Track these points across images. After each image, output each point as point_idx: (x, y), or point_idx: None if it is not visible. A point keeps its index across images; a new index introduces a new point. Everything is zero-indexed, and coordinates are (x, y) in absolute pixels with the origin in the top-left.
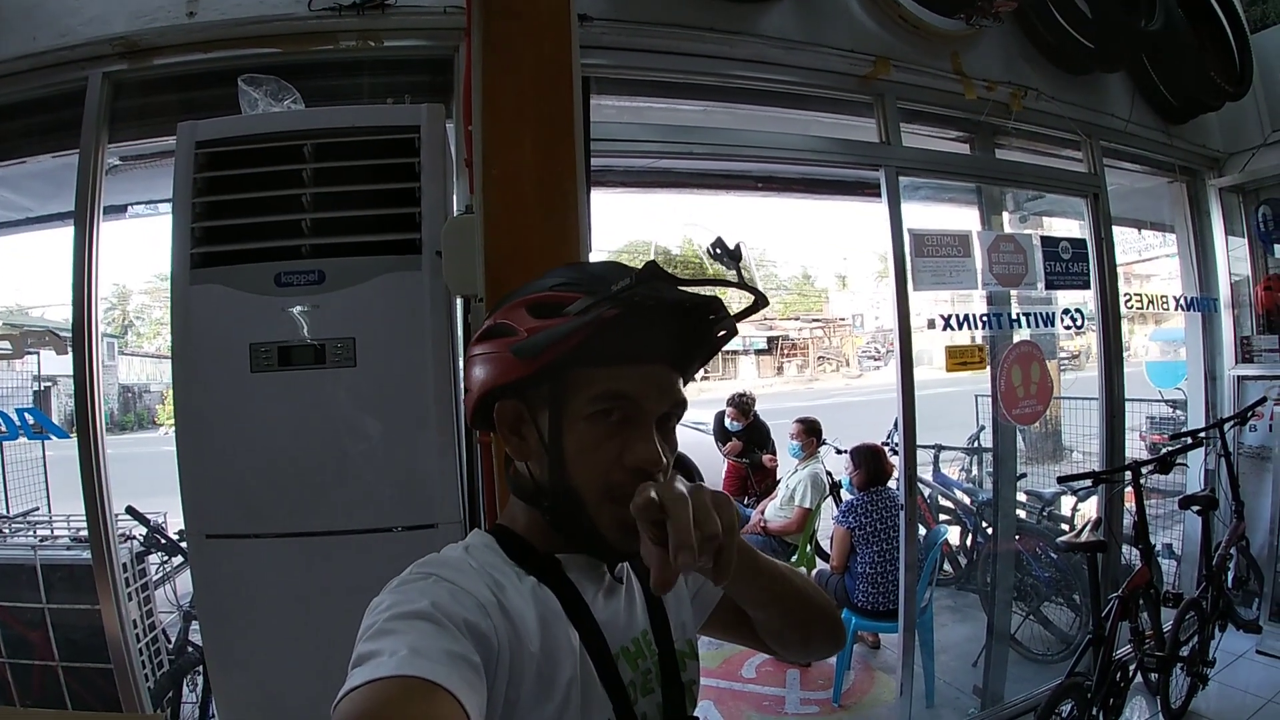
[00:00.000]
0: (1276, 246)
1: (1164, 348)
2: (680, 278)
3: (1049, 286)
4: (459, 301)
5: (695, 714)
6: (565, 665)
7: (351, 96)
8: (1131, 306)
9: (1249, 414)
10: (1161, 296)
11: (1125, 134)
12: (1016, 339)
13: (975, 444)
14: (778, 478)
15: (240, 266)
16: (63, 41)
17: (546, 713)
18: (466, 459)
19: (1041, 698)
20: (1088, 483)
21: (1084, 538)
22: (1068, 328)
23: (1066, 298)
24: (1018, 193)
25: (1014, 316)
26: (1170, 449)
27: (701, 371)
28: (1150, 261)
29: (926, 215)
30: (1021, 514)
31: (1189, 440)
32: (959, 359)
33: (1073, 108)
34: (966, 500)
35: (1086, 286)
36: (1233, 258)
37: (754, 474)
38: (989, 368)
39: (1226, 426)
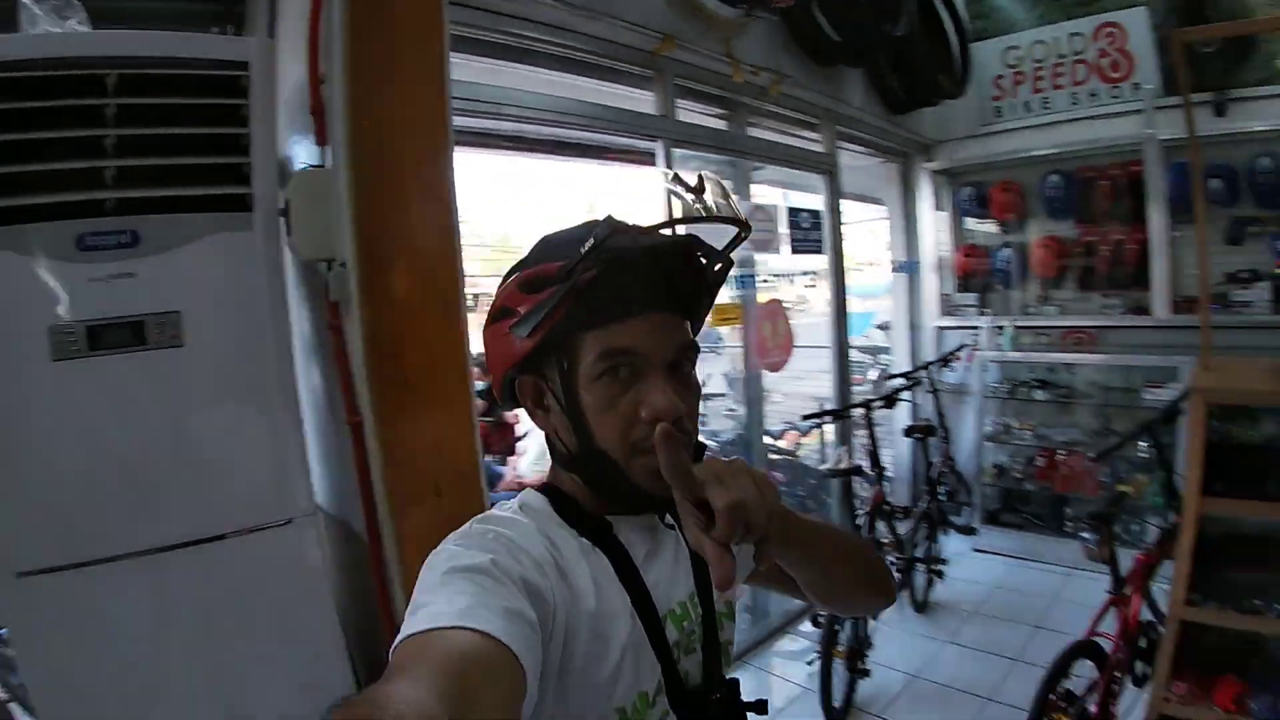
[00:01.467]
0: (970, 220)
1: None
2: (652, 224)
3: (794, 251)
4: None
5: (732, 675)
6: (620, 627)
7: (130, 22)
8: (850, 269)
9: (950, 358)
10: (873, 262)
11: (856, 120)
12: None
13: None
14: (521, 434)
15: (31, 227)
16: None
17: (604, 673)
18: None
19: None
20: (827, 418)
21: (842, 465)
22: (808, 286)
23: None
24: (743, 163)
25: (764, 277)
26: (893, 388)
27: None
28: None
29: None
30: None
31: (906, 380)
32: (722, 315)
33: (818, 95)
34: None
35: (821, 251)
36: (938, 228)
37: (498, 431)
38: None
39: (933, 368)
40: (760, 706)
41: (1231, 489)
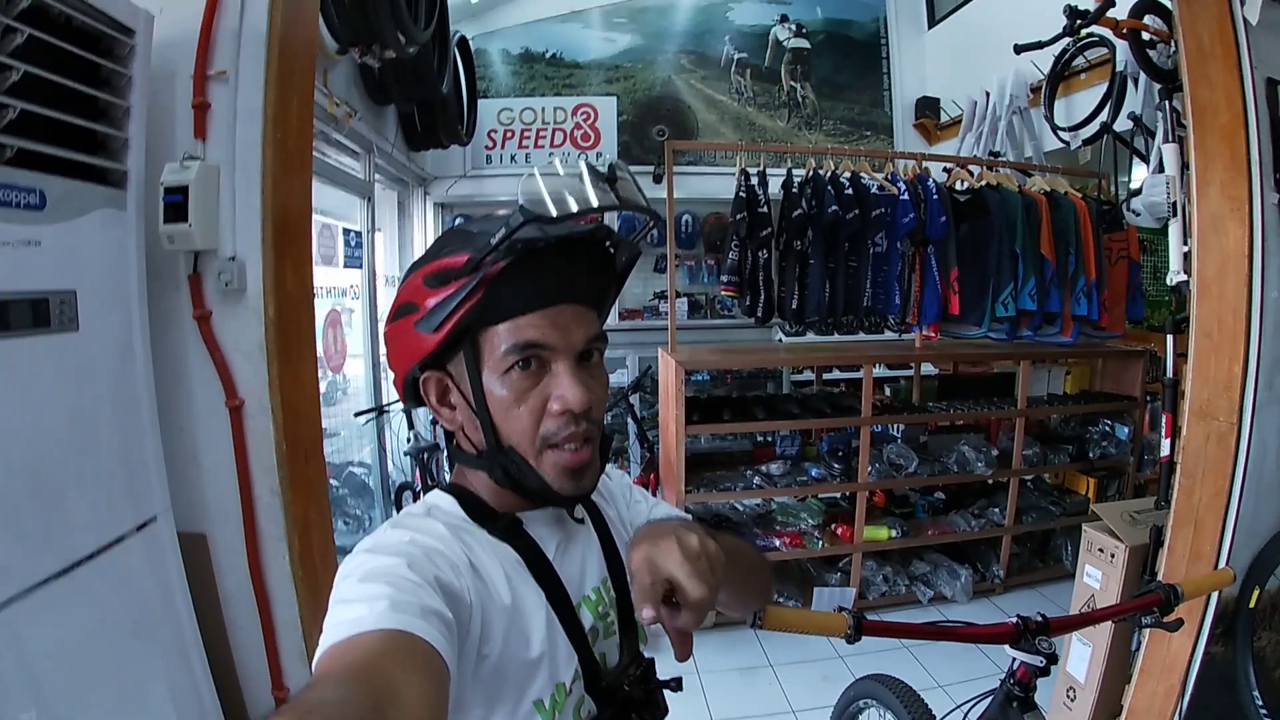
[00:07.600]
0: None
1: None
2: (560, 215)
3: (345, 266)
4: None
5: (645, 650)
6: (535, 621)
7: None
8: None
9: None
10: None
11: (387, 153)
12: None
13: None
14: None
15: None
16: None
17: (522, 668)
18: None
19: None
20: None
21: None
22: (354, 299)
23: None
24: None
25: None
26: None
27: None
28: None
29: None
30: None
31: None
32: None
33: (367, 129)
34: None
35: (361, 266)
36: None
37: None
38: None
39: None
40: (675, 684)
41: (700, 420)
